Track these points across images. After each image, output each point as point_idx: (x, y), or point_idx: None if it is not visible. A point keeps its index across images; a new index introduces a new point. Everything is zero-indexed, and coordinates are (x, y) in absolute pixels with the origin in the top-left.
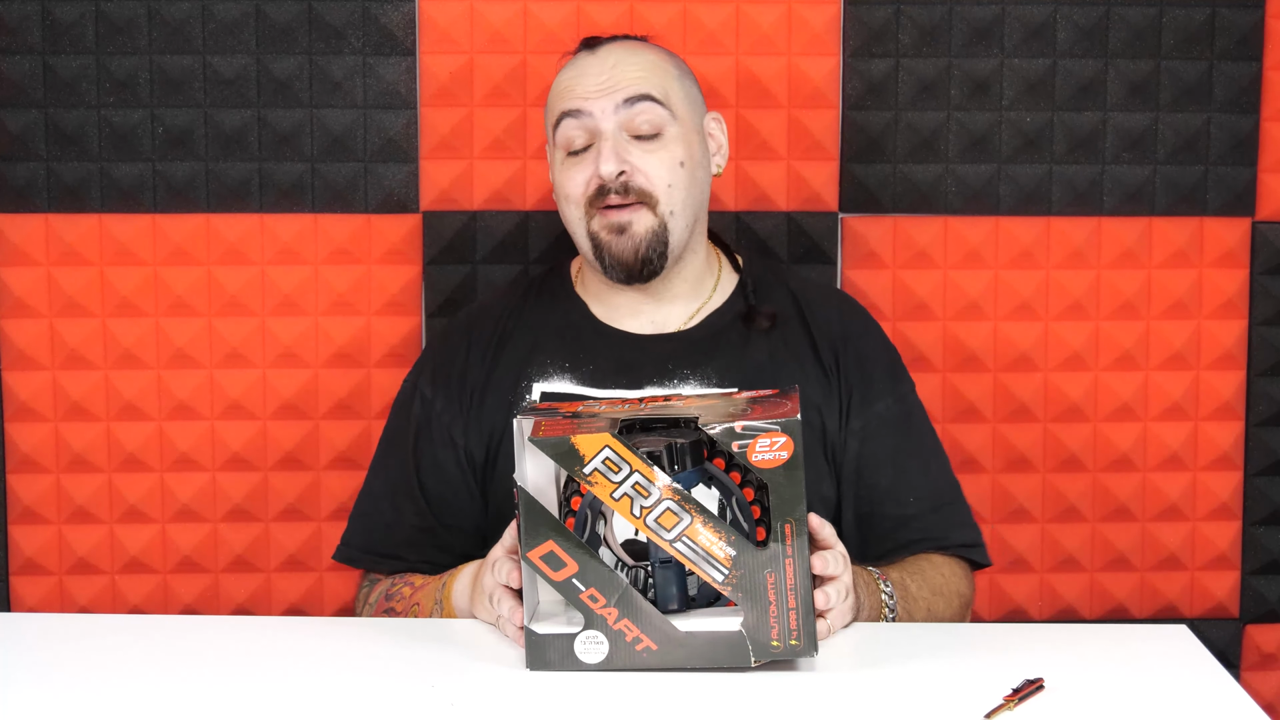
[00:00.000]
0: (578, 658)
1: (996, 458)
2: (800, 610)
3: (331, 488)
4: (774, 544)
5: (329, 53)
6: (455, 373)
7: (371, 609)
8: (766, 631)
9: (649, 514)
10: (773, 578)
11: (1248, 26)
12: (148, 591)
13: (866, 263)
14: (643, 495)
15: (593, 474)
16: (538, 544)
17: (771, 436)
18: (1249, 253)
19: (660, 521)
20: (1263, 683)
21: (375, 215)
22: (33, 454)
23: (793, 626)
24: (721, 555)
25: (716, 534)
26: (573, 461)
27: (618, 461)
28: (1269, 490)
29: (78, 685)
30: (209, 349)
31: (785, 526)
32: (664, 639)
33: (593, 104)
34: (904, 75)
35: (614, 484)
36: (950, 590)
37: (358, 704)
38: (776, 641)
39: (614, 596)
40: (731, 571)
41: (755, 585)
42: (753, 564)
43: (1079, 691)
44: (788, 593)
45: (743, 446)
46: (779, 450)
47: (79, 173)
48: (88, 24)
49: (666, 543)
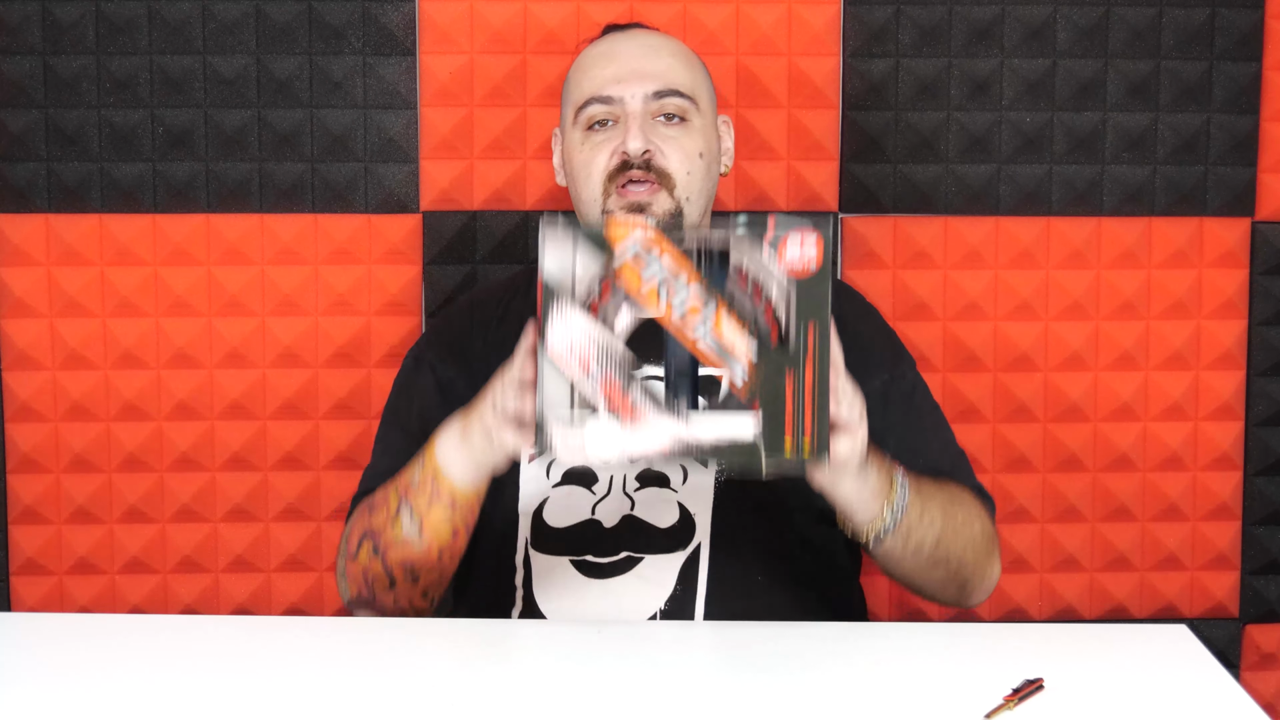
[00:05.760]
0: (588, 450)
1: (996, 458)
2: (816, 417)
3: (331, 488)
4: (795, 345)
5: (329, 53)
6: (461, 347)
7: (349, 528)
8: (781, 436)
9: (675, 306)
10: (791, 380)
11: (1248, 26)
12: (148, 591)
13: (866, 263)
14: (671, 286)
15: (623, 264)
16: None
17: (803, 234)
18: (1249, 253)
19: (687, 312)
20: (1263, 683)
21: (375, 215)
22: (33, 454)
23: (807, 433)
24: (743, 351)
25: (740, 331)
26: (605, 249)
27: (649, 248)
28: (1269, 490)
29: (78, 685)
30: (209, 349)
31: (809, 327)
32: (677, 436)
33: (623, 89)
34: (904, 75)
35: (643, 274)
36: (967, 512)
37: (358, 704)
38: (790, 447)
39: (631, 393)
40: (751, 370)
41: (774, 387)
42: (773, 364)
43: (1079, 691)
44: (805, 397)
45: (774, 244)
46: (809, 249)
47: (79, 173)
48: (88, 24)
49: (690, 338)
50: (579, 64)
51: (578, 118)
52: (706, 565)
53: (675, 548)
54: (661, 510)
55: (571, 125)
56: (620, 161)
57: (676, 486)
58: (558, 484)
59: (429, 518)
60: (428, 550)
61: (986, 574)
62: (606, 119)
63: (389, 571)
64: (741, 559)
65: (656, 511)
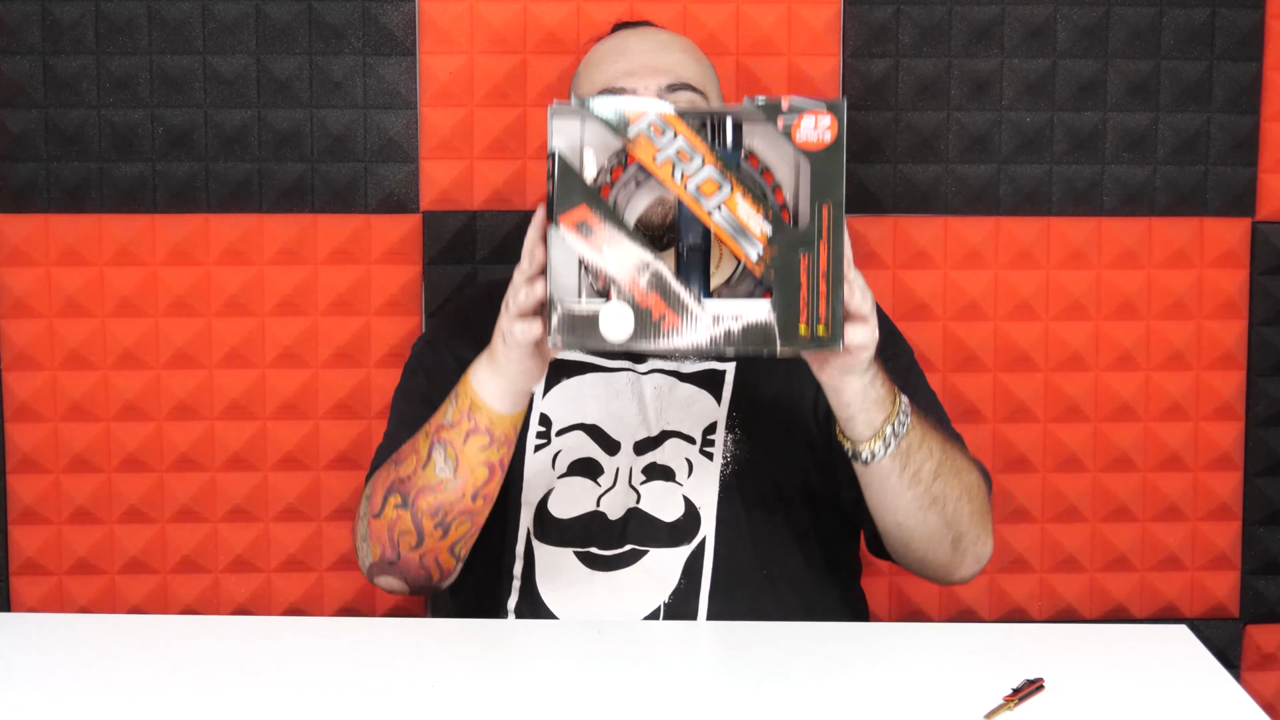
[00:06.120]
0: (602, 334)
1: (996, 458)
2: (830, 299)
3: (331, 488)
4: (811, 226)
5: (329, 53)
6: (479, 328)
7: (370, 488)
8: (795, 318)
9: (690, 180)
10: (806, 261)
11: (1248, 26)
12: (148, 591)
13: (867, 263)
14: (685, 161)
15: (637, 137)
16: (570, 208)
17: (817, 115)
18: (1249, 253)
19: (701, 189)
20: (1263, 683)
21: (375, 215)
22: (33, 454)
23: (821, 315)
24: (758, 230)
25: (755, 207)
26: (619, 123)
27: (663, 126)
28: (1269, 490)
29: (78, 685)
30: (209, 349)
31: (824, 208)
32: (690, 319)
33: (636, 82)
34: (904, 75)
35: (657, 148)
36: (965, 460)
37: (358, 704)
38: (804, 328)
39: (644, 272)
40: (766, 249)
41: (788, 266)
42: (787, 244)
43: (1079, 691)
44: (820, 277)
45: (787, 125)
46: (824, 131)
47: (79, 173)
48: (88, 24)
49: (705, 212)
50: (589, 58)
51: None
52: (711, 560)
53: (680, 541)
54: (667, 503)
55: None
56: None
57: (681, 480)
58: (563, 475)
59: (465, 454)
60: (462, 491)
61: (980, 537)
62: None
63: (418, 523)
64: (746, 554)
65: (662, 505)
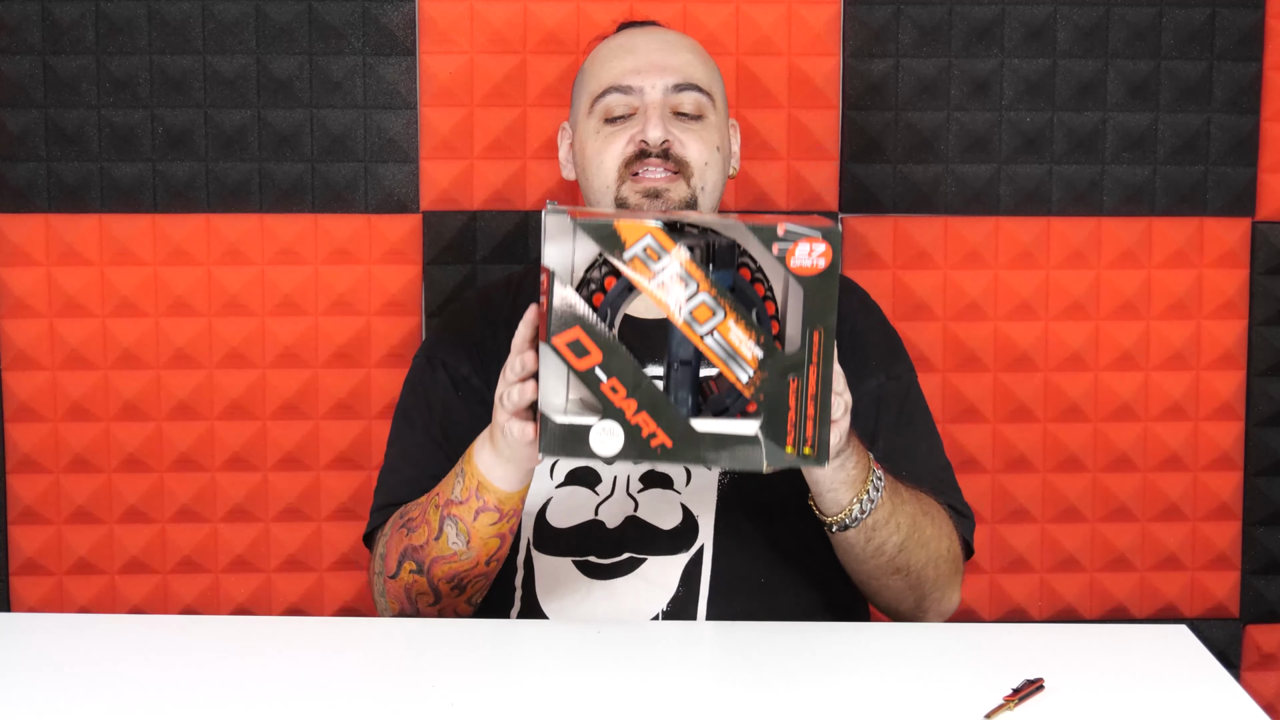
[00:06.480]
0: (592, 448)
1: (996, 458)
2: (818, 420)
3: (331, 488)
4: (801, 350)
5: (329, 53)
6: (474, 341)
7: (383, 547)
8: (783, 439)
9: (684, 307)
10: (795, 385)
11: (1248, 26)
12: (148, 591)
13: (866, 263)
14: (681, 285)
15: (632, 260)
16: (564, 329)
17: (812, 243)
18: (1249, 253)
19: (695, 314)
20: (1263, 683)
21: (375, 215)
22: (33, 454)
23: (808, 437)
24: (749, 355)
25: (747, 333)
26: (613, 245)
27: (658, 250)
28: (1269, 490)
29: (78, 685)
30: (209, 349)
31: (815, 334)
32: (680, 436)
33: (643, 80)
34: (904, 75)
35: (653, 272)
36: (935, 529)
37: (358, 704)
38: (791, 449)
39: (635, 389)
40: (757, 373)
41: (777, 390)
42: (777, 369)
43: (1079, 691)
44: (808, 401)
45: (782, 250)
46: (818, 258)
47: (79, 173)
48: (88, 24)
49: (698, 335)
50: (596, 56)
51: (593, 108)
52: (709, 567)
53: (678, 549)
54: (665, 511)
55: (586, 116)
56: (637, 150)
57: (680, 488)
58: (561, 484)
59: (477, 529)
60: (476, 559)
61: (945, 595)
62: (624, 111)
63: (434, 587)
64: (744, 561)
65: (660, 513)
